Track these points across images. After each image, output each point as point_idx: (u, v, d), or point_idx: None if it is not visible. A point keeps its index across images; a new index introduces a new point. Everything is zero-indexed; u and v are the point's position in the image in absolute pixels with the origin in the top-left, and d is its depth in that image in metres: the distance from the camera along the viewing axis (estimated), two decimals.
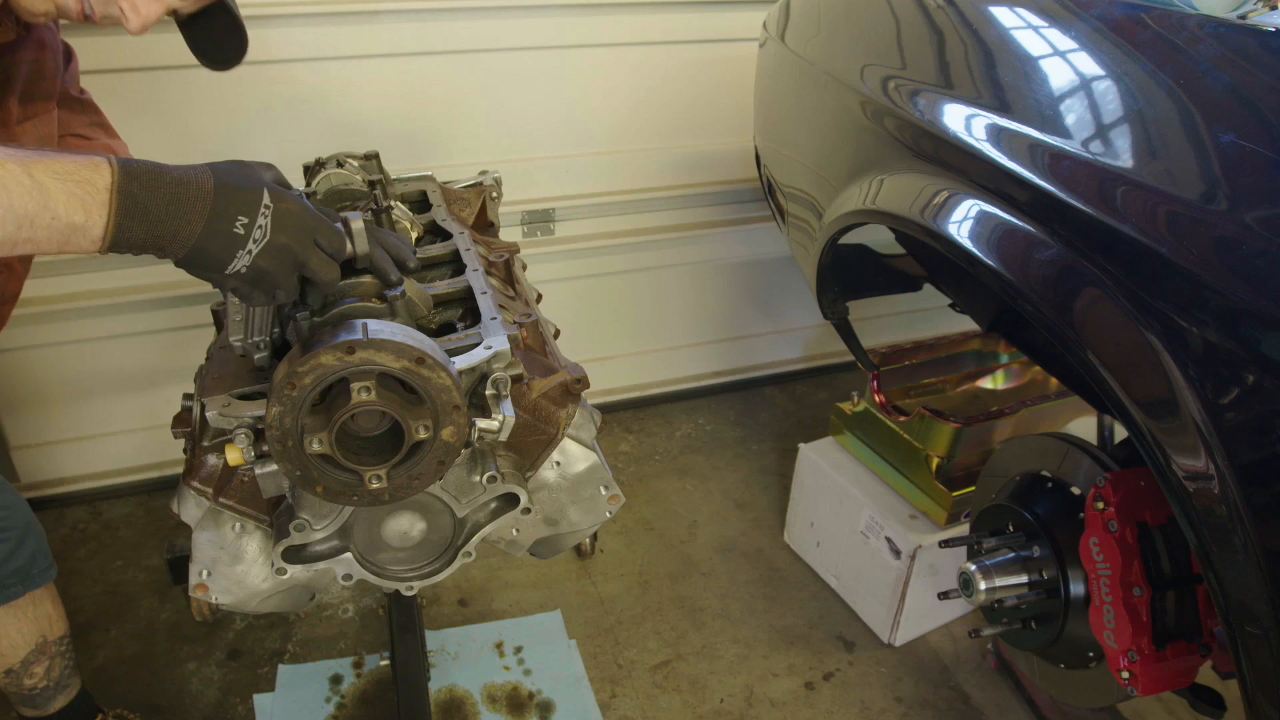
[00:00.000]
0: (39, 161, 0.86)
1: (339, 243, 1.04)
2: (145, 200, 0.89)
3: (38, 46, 1.34)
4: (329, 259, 1.02)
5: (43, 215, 0.85)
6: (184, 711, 1.97)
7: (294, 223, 0.97)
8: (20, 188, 0.84)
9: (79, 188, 0.87)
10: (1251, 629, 0.94)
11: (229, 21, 1.21)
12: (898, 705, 2.05)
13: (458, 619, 2.22)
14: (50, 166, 0.86)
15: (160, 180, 0.90)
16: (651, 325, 2.99)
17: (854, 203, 1.55)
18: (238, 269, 0.95)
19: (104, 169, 0.88)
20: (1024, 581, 1.53)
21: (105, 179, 0.88)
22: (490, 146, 2.49)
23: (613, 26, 2.46)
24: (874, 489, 2.19)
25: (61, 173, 0.86)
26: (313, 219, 1.00)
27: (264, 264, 0.96)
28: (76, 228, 0.87)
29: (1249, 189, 0.94)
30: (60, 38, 1.44)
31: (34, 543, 1.54)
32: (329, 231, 1.02)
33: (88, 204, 0.87)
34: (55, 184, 0.86)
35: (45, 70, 1.37)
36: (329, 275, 1.03)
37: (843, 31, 1.72)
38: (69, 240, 0.88)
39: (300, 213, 0.99)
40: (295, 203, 0.99)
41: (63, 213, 0.86)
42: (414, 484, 1.11)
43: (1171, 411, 0.97)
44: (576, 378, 1.30)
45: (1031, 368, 2.38)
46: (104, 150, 1.50)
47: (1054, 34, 1.23)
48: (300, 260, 0.99)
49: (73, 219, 0.86)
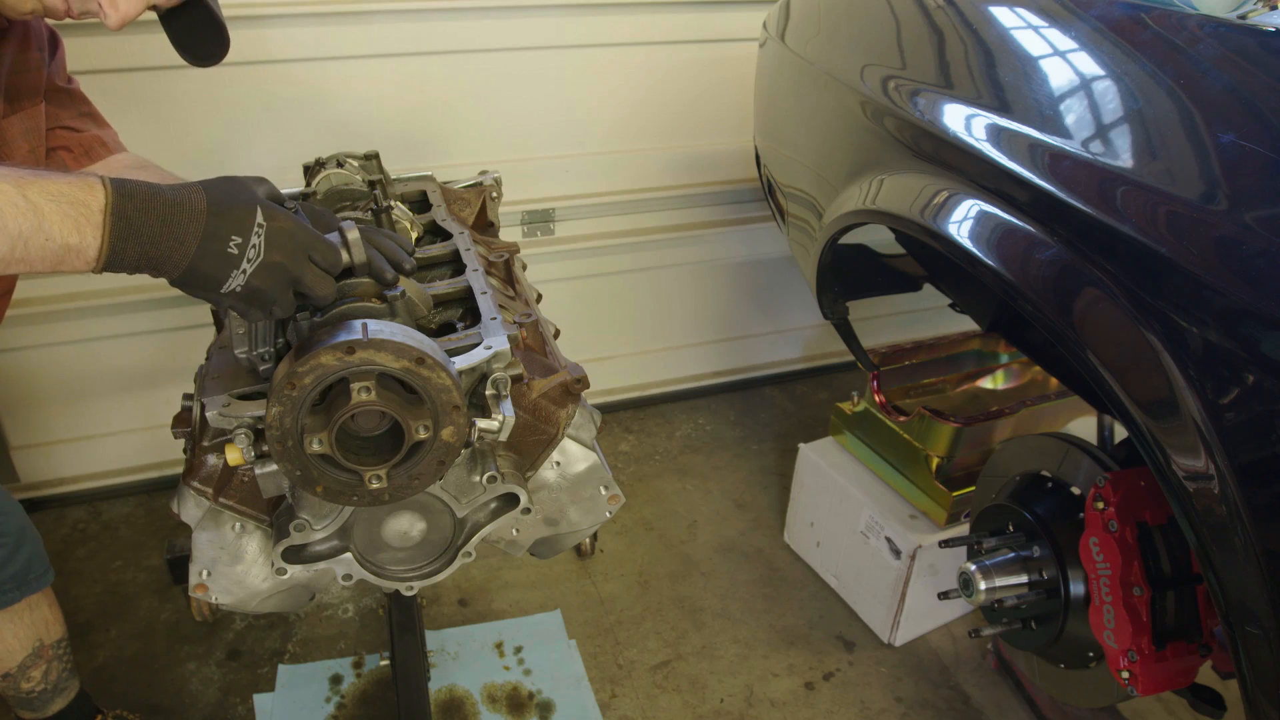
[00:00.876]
0: (33, 182, 0.86)
1: (334, 257, 1.03)
2: (139, 221, 0.89)
3: (20, 41, 1.34)
4: (324, 274, 1.02)
5: (36, 236, 0.85)
6: (184, 711, 1.97)
7: (287, 241, 0.97)
8: (14, 209, 0.84)
9: (73, 209, 0.87)
10: (1251, 629, 0.94)
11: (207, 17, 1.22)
12: (898, 705, 2.05)
13: (458, 619, 2.22)
14: (44, 188, 0.86)
15: (154, 201, 0.91)
16: (651, 325, 2.99)
17: (854, 203, 1.55)
18: (233, 288, 0.95)
19: (98, 190, 0.89)
20: (1024, 581, 1.53)
21: (99, 200, 0.88)
22: (490, 146, 2.49)
23: (613, 26, 2.46)
24: (874, 489, 2.19)
25: (56, 194, 0.87)
26: (306, 236, 1.00)
27: (258, 283, 0.96)
28: (71, 249, 0.87)
29: (1249, 189, 0.94)
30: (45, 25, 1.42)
31: (30, 548, 1.54)
32: (323, 247, 1.02)
33: (82, 225, 0.87)
34: (49, 205, 0.86)
35: (30, 64, 1.36)
36: (324, 291, 1.03)
37: (843, 31, 1.72)
38: (63, 260, 0.88)
39: (294, 230, 0.99)
40: (289, 220, 0.99)
41: (57, 234, 0.86)
42: (414, 484, 1.11)
43: (1171, 411, 0.97)
44: (576, 378, 1.30)
45: (1031, 368, 2.38)
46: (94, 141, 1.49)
47: (1054, 34, 1.23)
48: (295, 277, 0.99)
49: (67, 240, 0.87)
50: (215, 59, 1.25)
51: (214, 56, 1.25)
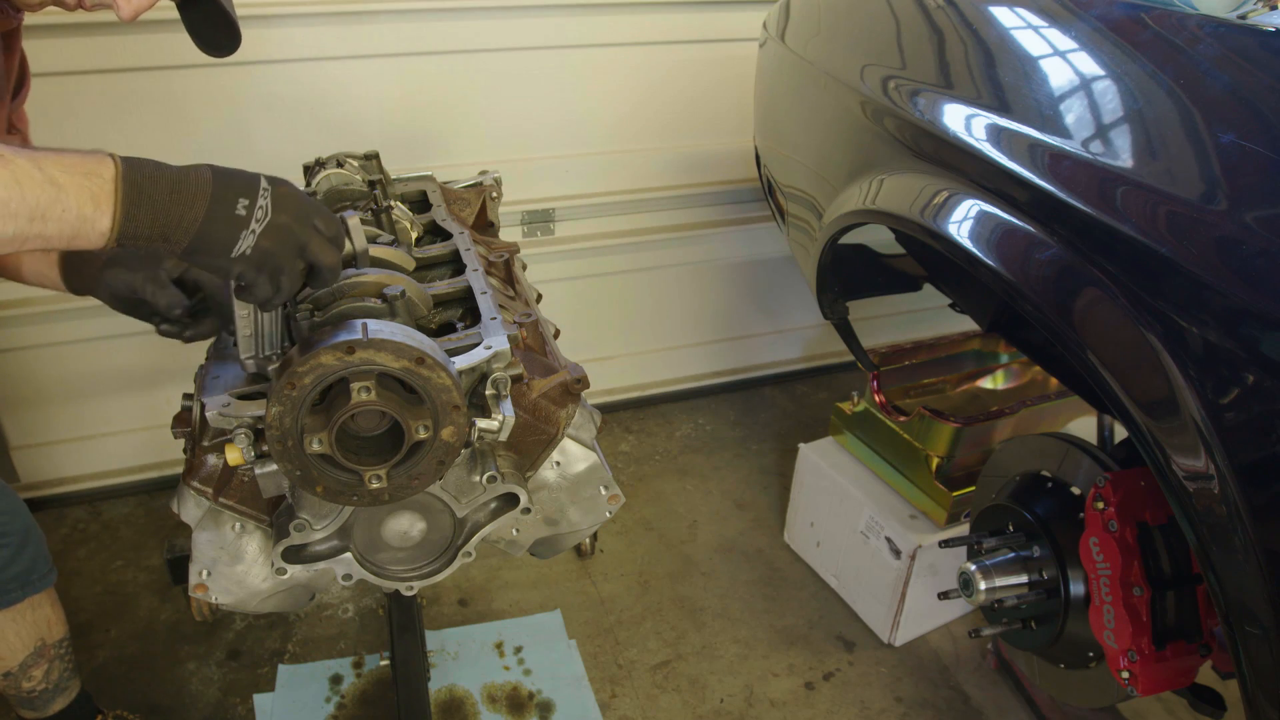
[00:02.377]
0: (47, 156, 0.88)
1: (336, 228, 1.05)
2: (149, 189, 0.91)
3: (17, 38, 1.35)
4: (328, 242, 1.04)
5: (54, 207, 0.87)
6: (184, 711, 1.97)
7: (293, 203, 0.99)
8: (32, 181, 0.86)
9: (87, 180, 0.89)
10: (1251, 629, 0.94)
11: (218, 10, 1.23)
12: (898, 705, 2.05)
13: (458, 619, 2.22)
14: (58, 161, 0.88)
15: (161, 171, 0.93)
16: (651, 325, 2.99)
17: (854, 203, 1.55)
18: (242, 250, 0.96)
19: (107, 162, 0.91)
20: (1024, 581, 1.53)
21: (110, 170, 0.90)
22: (490, 146, 2.49)
23: (613, 26, 2.46)
24: (874, 489, 2.19)
25: (69, 166, 0.88)
26: (310, 202, 1.03)
27: (267, 244, 0.97)
28: (86, 219, 0.89)
29: (1249, 189, 0.94)
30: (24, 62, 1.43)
31: (34, 548, 1.54)
32: (326, 215, 1.04)
33: (96, 195, 0.89)
34: (65, 177, 0.88)
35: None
36: (330, 260, 1.04)
37: (842, 31, 1.72)
38: (78, 233, 0.90)
39: (298, 195, 1.01)
40: (292, 187, 1.01)
41: (73, 204, 0.88)
42: (414, 484, 1.11)
43: (1171, 411, 0.97)
44: (576, 378, 1.30)
45: (1031, 368, 2.38)
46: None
47: (1054, 34, 1.23)
48: (302, 242, 1.00)
49: (83, 210, 0.89)
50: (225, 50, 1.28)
51: (223, 47, 1.27)
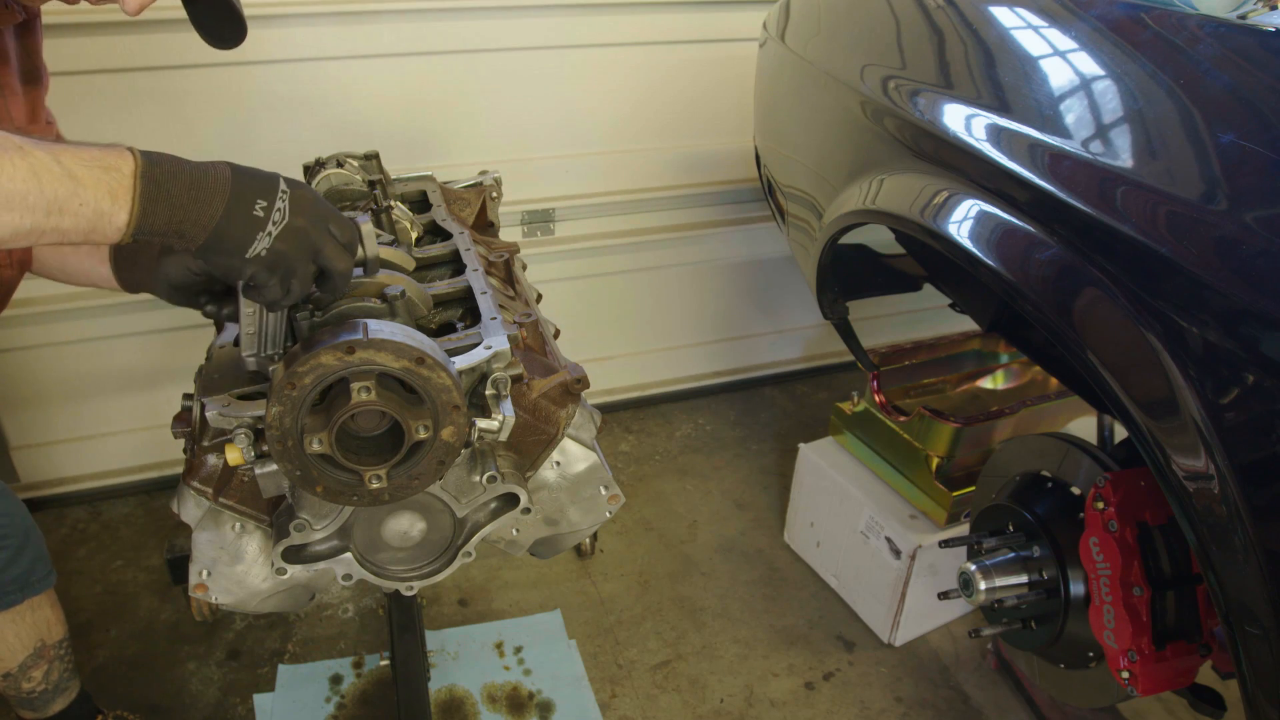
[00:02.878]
0: (66, 150, 0.88)
1: (351, 232, 1.05)
2: (168, 185, 0.91)
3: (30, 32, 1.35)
4: (342, 248, 1.04)
5: (71, 201, 0.87)
6: (184, 711, 1.97)
7: (310, 207, 0.99)
8: (50, 174, 0.86)
9: (105, 174, 0.89)
10: (1251, 629, 0.94)
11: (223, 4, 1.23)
12: (898, 705, 2.05)
13: (458, 619, 2.22)
14: (77, 154, 0.88)
15: (180, 167, 0.93)
16: (651, 325, 2.99)
17: (854, 203, 1.55)
18: (258, 252, 0.96)
19: (127, 156, 0.91)
20: (1024, 581, 1.53)
21: (129, 165, 0.90)
22: (490, 146, 2.49)
23: (613, 26, 2.46)
24: (874, 489, 2.19)
25: (88, 160, 0.88)
26: (326, 206, 1.03)
27: (282, 247, 0.97)
28: (103, 214, 0.89)
29: (1249, 189, 0.94)
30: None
31: (34, 549, 1.54)
32: (342, 220, 1.04)
33: (114, 189, 0.89)
34: (84, 170, 0.88)
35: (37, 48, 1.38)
36: (342, 265, 1.04)
37: (842, 31, 1.72)
38: (95, 227, 0.89)
39: (316, 198, 1.01)
40: (310, 190, 1.01)
41: (91, 198, 0.88)
42: (414, 484, 1.11)
43: (1171, 411, 0.97)
44: (576, 378, 1.30)
45: (1031, 368, 2.38)
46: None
47: (1054, 34, 1.23)
48: (316, 246, 1.00)
49: (100, 205, 0.88)
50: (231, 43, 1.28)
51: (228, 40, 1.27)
